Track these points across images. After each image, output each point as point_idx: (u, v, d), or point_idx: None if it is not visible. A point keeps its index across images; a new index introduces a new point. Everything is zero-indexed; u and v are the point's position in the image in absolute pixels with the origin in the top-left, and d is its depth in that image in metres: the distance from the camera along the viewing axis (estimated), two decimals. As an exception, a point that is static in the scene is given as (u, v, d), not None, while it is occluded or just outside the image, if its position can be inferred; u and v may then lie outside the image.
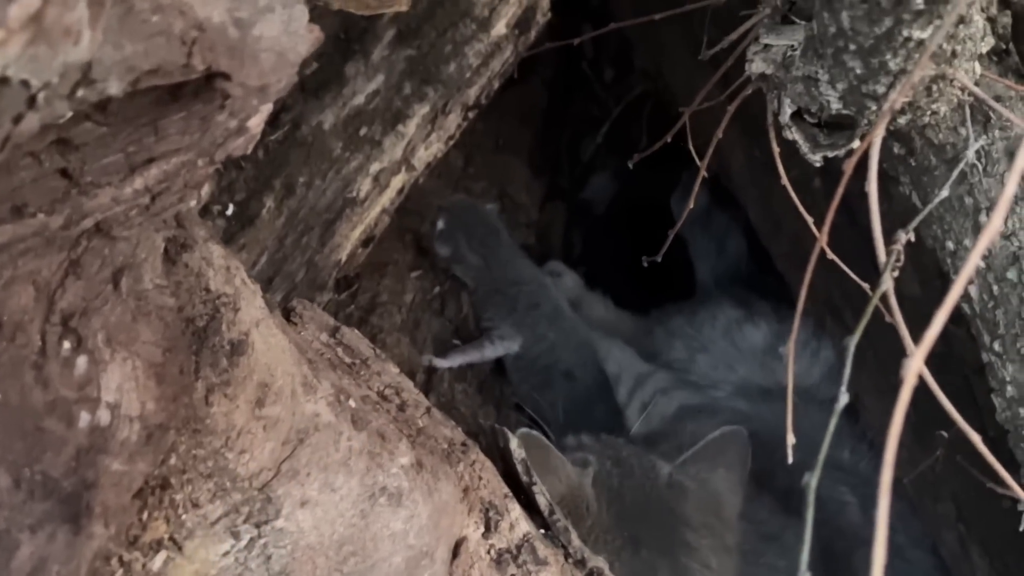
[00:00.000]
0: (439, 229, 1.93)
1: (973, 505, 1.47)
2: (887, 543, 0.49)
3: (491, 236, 1.94)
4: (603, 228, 2.49)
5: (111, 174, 0.67)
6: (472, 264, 1.92)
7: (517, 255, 1.98)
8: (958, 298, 0.48)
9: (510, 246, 1.98)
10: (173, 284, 0.83)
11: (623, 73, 2.68)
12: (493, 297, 1.91)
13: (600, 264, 2.30)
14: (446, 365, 1.78)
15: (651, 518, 1.50)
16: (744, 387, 1.97)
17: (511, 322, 1.88)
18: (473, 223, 1.94)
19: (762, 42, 1.12)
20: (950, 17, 0.85)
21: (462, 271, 1.95)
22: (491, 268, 1.92)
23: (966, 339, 1.32)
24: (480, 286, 1.93)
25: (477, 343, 1.87)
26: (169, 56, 0.60)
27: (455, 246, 1.92)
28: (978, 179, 1.19)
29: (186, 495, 0.80)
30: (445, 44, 1.56)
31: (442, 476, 1.02)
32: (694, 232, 2.32)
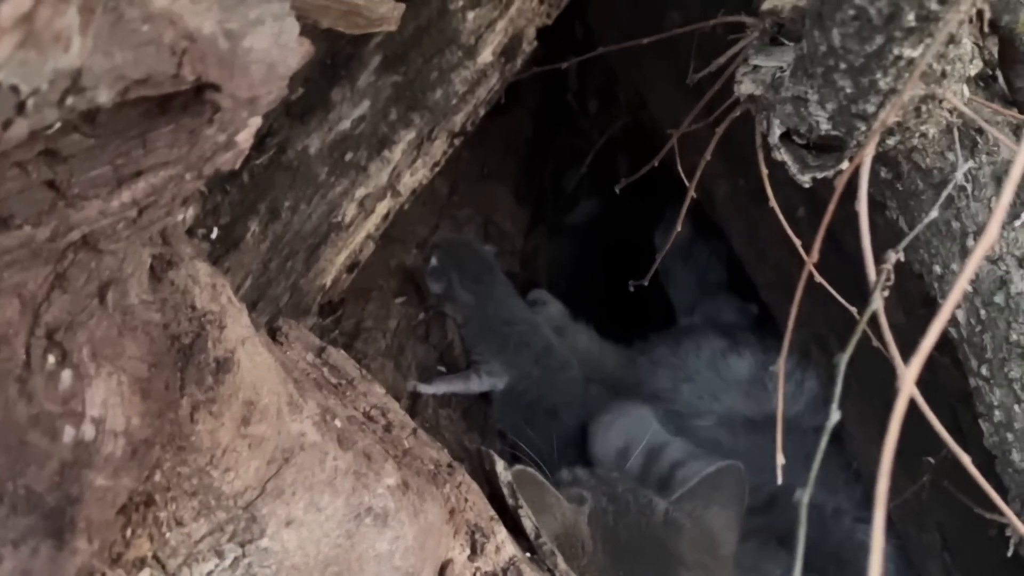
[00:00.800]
0: (432, 266, 1.93)
1: (958, 534, 1.47)
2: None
3: (485, 274, 1.94)
4: (586, 258, 2.49)
5: (99, 186, 0.67)
6: (464, 302, 1.92)
7: (510, 294, 1.98)
8: (954, 306, 0.48)
9: (504, 285, 1.98)
10: (159, 301, 0.82)
11: (607, 105, 2.69)
12: (484, 334, 1.91)
13: (582, 292, 2.29)
14: (431, 392, 1.77)
15: (646, 557, 1.49)
16: (728, 418, 1.97)
17: (501, 360, 1.88)
18: (467, 261, 1.94)
19: (751, 63, 1.12)
20: (941, 35, 0.85)
21: (453, 309, 1.94)
22: (483, 306, 1.92)
23: (951, 367, 1.32)
24: (471, 323, 1.93)
25: (464, 374, 1.87)
26: (159, 66, 0.59)
27: (447, 283, 1.92)
28: (965, 203, 1.19)
29: (170, 513, 0.80)
30: (431, 71, 1.56)
31: (428, 497, 1.01)
32: (675, 263, 2.32)
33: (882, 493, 0.47)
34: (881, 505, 0.49)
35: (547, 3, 1.64)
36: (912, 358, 0.51)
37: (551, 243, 2.50)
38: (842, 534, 1.71)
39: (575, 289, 2.32)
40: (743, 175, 1.83)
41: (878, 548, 0.50)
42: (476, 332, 1.92)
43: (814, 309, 1.67)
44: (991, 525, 1.28)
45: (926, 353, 0.51)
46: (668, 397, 2.04)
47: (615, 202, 1.93)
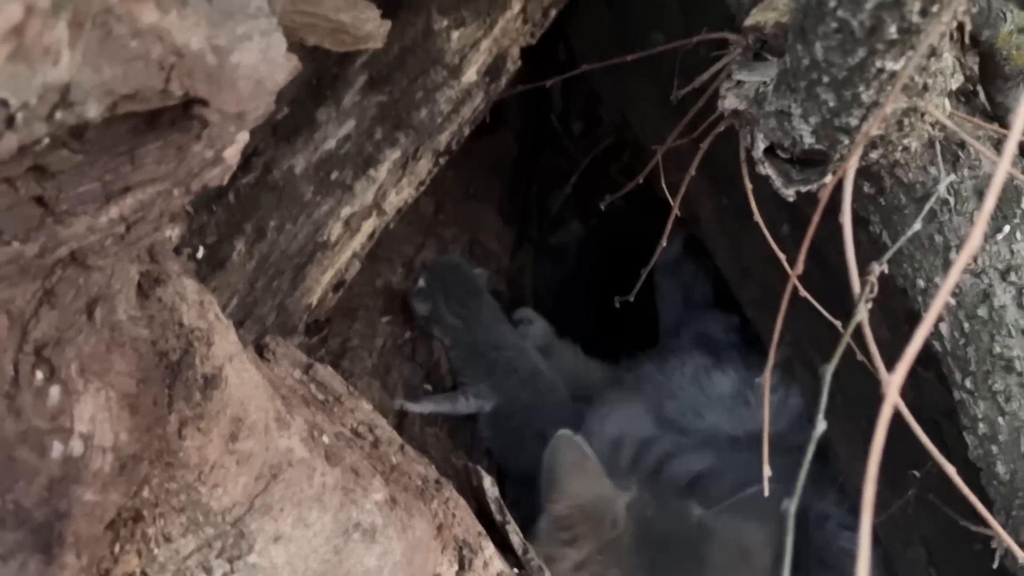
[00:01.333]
0: (419, 287, 1.94)
1: (944, 548, 1.47)
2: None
3: (472, 298, 1.95)
4: (572, 276, 2.50)
5: (87, 203, 0.67)
6: (450, 325, 1.92)
7: (498, 319, 1.99)
8: (937, 315, 0.49)
9: (491, 309, 1.98)
10: (147, 317, 0.82)
11: (591, 126, 2.70)
12: (471, 358, 1.91)
13: (569, 311, 2.30)
14: (418, 410, 1.77)
15: (674, 550, 1.52)
16: (712, 435, 1.97)
17: (488, 383, 1.88)
18: (455, 284, 1.95)
19: (734, 78, 1.13)
20: (922, 47, 0.86)
21: (440, 331, 1.95)
22: (471, 330, 1.92)
23: (935, 381, 1.32)
24: (458, 346, 1.93)
25: (452, 395, 1.87)
26: (147, 81, 0.60)
27: (434, 306, 1.92)
28: (948, 217, 1.20)
29: (158, 529, 0.80)
30: (416, 90, 1.57)
31: (416, 513, 1.01)
32: (663, 280, 2.33)
33: (868, 501, 0.48)
34: (867, 515, 0.49)
35: (531, 23, 1.65)
36: (896, 366, 0.52)
37: (537, 262, 2.50)
38: (825, 539, 1.72)
39: (562, 308, 2.32)
40: (727, 193, 1.84)
41: (864, 558, 0.51)
42: (463, 355, 1.93)
43: (799, 327, 1.68)
44: (976, 539, 1.28)
45: (911, 360, 0.51)
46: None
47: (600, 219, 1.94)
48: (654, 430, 1.92)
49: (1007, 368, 1.20)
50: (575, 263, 2.54)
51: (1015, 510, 1.19)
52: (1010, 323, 1.20)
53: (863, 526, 0.51)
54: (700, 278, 2.35)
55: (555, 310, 2.23)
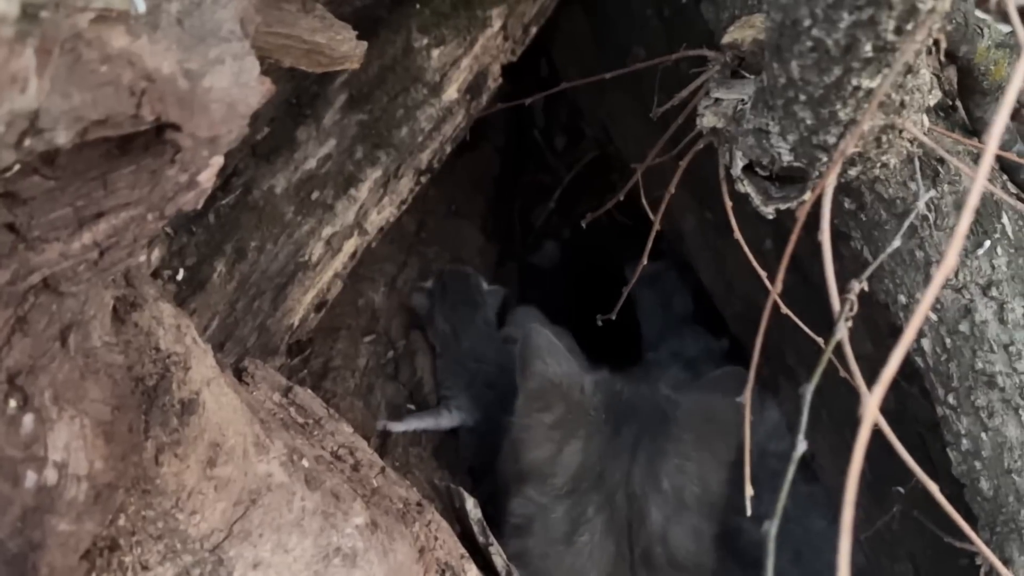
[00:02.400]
0: (423, 285, 1.98)
1: (930, 564, 1.46)
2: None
3: (466, 308, 1.96)
4: (553, 291, 2.49)
5: (59, 229, 0.67)
6: (440, 329, 1.93)
7: (488, 334, 1.98)
8: (917, 330, 0.48)
9: (485, 324, 1.98)
10: (122, 343, 0.82)
11: (574, 141, 2.70)
12: (455, 367, 1.91)
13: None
14: (401, 429, 1.77)
15: (640, 411, 1.61)
16: None
17: (469, 395, 1.88)
18: (456, 292, 1.97)
19: (713, 96, 1.13)
20: (898, 65, 0.86)
21: (431, 334, 1.97)
22: (458, 339, 1.92)
23: (919, 396, 1.32)
24: (445, 352, 1.94)
25: (434, 411, 1.87)
26: (118, 106, 0.59)
27: (430, 306, 1.93)
28: (928, 232, 1.20)
29: (135, 557, 0.79)
30: (397, 109, 1.56)
31: (397, 536, 1.01)
32: (642, 292, 2.32)
33: (847, 521, 0.47)
34: (847, 535, 0.49)
35: (511, 40, 1.65)
36: (876, 384, 0.51)
37: (521, 278, 2.50)
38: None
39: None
40: (710, 208, 1.84)
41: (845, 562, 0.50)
42: (447, 364, 1.93)
43: (783, 341, 1.68)
44: (963, 554, 1.28)
45: (889, 378, 0.51)
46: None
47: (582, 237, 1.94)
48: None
49: (989, 384, 1.20)
50: (555, 280, 2.54)
51: (999, 526, 1.19)
52: (992, 338, 1.20)
53: (843, 545, 0.50)
54: (681, 292, 2.35)
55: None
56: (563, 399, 1.56)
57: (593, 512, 1.52)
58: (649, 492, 1.54)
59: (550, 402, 1.56)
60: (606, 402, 1.60)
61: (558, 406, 1.56)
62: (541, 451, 1.54)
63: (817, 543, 1.70)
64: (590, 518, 1.52)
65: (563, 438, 1.55)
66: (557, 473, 1.54)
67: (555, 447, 1.54)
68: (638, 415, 1.60)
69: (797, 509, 1.74)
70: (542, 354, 1.56)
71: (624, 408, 1.61)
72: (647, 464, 1.55)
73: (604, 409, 1.59)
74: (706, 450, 1.58)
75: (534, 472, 1.55)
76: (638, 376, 2.02)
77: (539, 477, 1.54)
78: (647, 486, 1.54)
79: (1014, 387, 1.18)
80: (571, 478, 1.54)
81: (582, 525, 1.52)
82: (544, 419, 1.55)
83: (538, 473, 1.54)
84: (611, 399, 1.61)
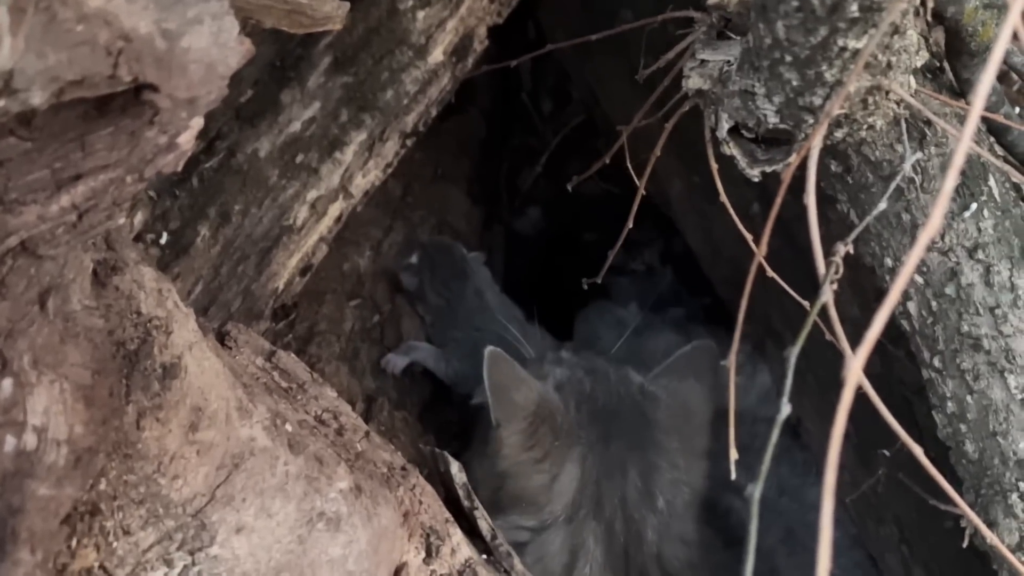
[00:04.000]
0: (408, 262, 1.96)
1: (916, 526, 1.47)
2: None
3: (457, 280, 1.95)
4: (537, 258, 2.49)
5: (37, 191, 0.66)
6: (433, 304, 1.93)
7: (480, 304, 1.98)
8: (901, 293, 0.48)
9: (476, 294, 1.98)
10: (103, 307, 0.81)
11: (561, 104, 2.69)
12: (451, 339, 1.91)
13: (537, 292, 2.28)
14: (401, 362, 1.79)
15: (622, 418, 1.57)
16: None
17: (468, 365, 1.87)
18: (443, 265, 1.96)
19: (698, 58, 1.12)
20: (884, 25, 0.85)
21: (423, 308, 1.97)
22: (453, 311, 1.92)
23: (905, 360, 1.32)
24: (438, 324, 1.93)
25: (438, 353, 1.87)
26: (94, 66, 0.58)
27: (420, 283, 1.93)
28: (915, 195, 1.20)
29: (117, 522, 0.78)
30: (382, 71, 1.55)
31: (381, 501, 1.00)
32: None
33: (830, 483, 0.47)
34: (829, 497, 0.49)
35: (498, 2, 1.63)
36: (859, 345, 0.51)
37: (507, 243, 2.49)
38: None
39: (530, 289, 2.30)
40: (697, 172, 1.83)
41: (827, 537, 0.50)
42: (442, 335, 1.92)
43: (769, 305, 1.68)
44: (948, 517, 1.29)
45: (874, 339, 0.50)
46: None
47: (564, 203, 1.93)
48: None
49: (975, 346, 1.20)
50: (535, 250, 2.53)
51: (984, 489, 1.19)
52: (978, 301, 1.20)
53: (826, 508, 0.50)
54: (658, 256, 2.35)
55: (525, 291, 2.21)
56: (545, 426, 1.50)
57: (593, 543, 1.49)
58: (646, 514, 1.52)
59: (533, 434, 1.50)
60: (586, 410, 1.56)
61: (542, 437, 1.50)
62: (532, 482, 1.50)
63: (812, 518, 1.70)
64: (590, 549, 1.48)
65: (553, 467, 1.50)
66: (552, 500, 1.49)
67: (547, 477, 1.50)
68: (620, 422, 1.56)
69: (794, 478, 1.74)
70: (507, 388, 1.49)
71: (604, 414, 1.56)
72: (641, 483, 1.53)
73: (585, 416, 1.55)
74: (690, 451, 1.58)
75: (525, 500, 1.50)
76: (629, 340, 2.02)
77: (532, 505, 1.49)
78: (644, 508, 1.52)
79: (1000, 350, 1.18)
80: (567, 505, 1.49)
81: (581, 558, 1.48)
82: (533, 455, 1.50)
83: (531, 501, 1.49)
84: (587, 404, 1.57)
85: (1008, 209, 1.23)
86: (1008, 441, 1.18)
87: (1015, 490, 1.17)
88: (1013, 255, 1.20)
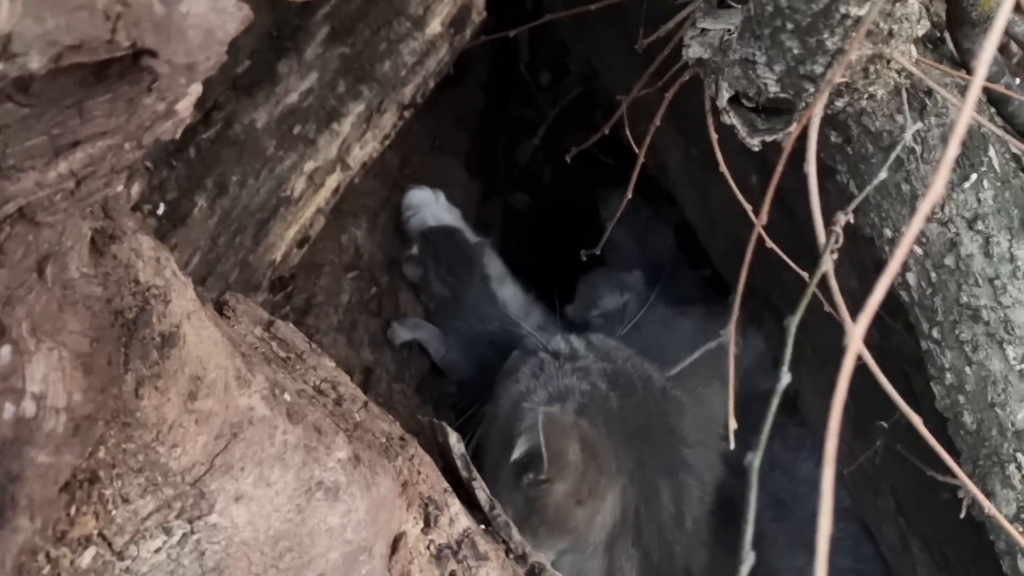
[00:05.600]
0: (410, 253, 1.95)
1: (913, 498, 1.47)
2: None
3: (462, 268, 1.94)
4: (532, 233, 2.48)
5: (34, 158, 0.65)
6: (438, 293, 1.92)
7: (486, 292, 1.97)
8: (901, 262, 0.48)
9: (482, 282, 1.97)
10: (101, 276, 0.81)
11: (559, 76, 2.68)
12: (454, 326, 1.90)
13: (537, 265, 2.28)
14: (405, 335, 1.79)
15: (653, 439, 1.55)
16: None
17: (472, 354, 1.87)
18: (447, 252, 1.94)
19: (699, 27, 1.12)
20: (886, -8, 0.85)
21: (426, 297, 1.96)
22: (457, 300, 1.91)
23: (903, 331, 1.32)
24: (441, 313, 1.93)
25: (442, 337, 1.87)
26: (92, 31, 0.58)
27: (424, 272, 1.92)
28: (915, 166, 1.20)
29: (116, 490, 0.78)
30: (379, 42, 1.55)
31: (380, 470, 1.00)
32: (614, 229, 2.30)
33: (830, 453, 0.47)
34: (830, 467, 0.49)
35: (496, -27, 1.63)
36: (859, 315, 0.51)
37: (505, 216, 2.49)
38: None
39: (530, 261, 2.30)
40: (695, 144, 1.82)
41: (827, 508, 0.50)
42: (446, 323, 1.92)
43: (768, 278, 1.67)
44: (945, 488, 1.29)
45: (874, 308, 0.50)
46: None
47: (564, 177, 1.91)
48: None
49: (974, 318, 1.20)
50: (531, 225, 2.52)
51: (981, 459, 1.19)
52: (977, 272, 1.20)
53: (826, 479, 0.50)
54: (654, 224, 2.33)
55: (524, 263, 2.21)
56: (593, 468, 1.44)
57: (630, 567, 1.48)
58: (678, 535, 1.51)
59: (583, 482, 1.44)
60: (618, 434, 1.50)
61: (591, 481, 1.45)
62: (575, 520, 1.45)
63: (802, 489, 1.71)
64: (627, 572, 1.48)
65: (597, 503, 1.46)
66: (593, 531, 1.46)
67: (590, 512, 1.46)
68: (651, 444, 1.53)
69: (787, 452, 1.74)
70: (566, 446, 1.42)
71: (636, 438, 1.52)
72: (673, 506, 1.52)
73: (619, 441, 1.50)
74: (713, 461, 1.58)
75: (564, 532, 1.46)
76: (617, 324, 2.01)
77: (570, 534, 1.46)
78: (675, 529, 1.51)
79: (998, 321, 1.18)
80: (608, 534, 1.47)
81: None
82: (580, 498, 1.45)
83: (570, 532, 1.46)
84: (616, 425, 1.52)
85: (1008, 180, 1.22)
86: (1006, 412, 1.18)
87: (1012, 461, 1.18)
88: (1013, 226, 1.20)
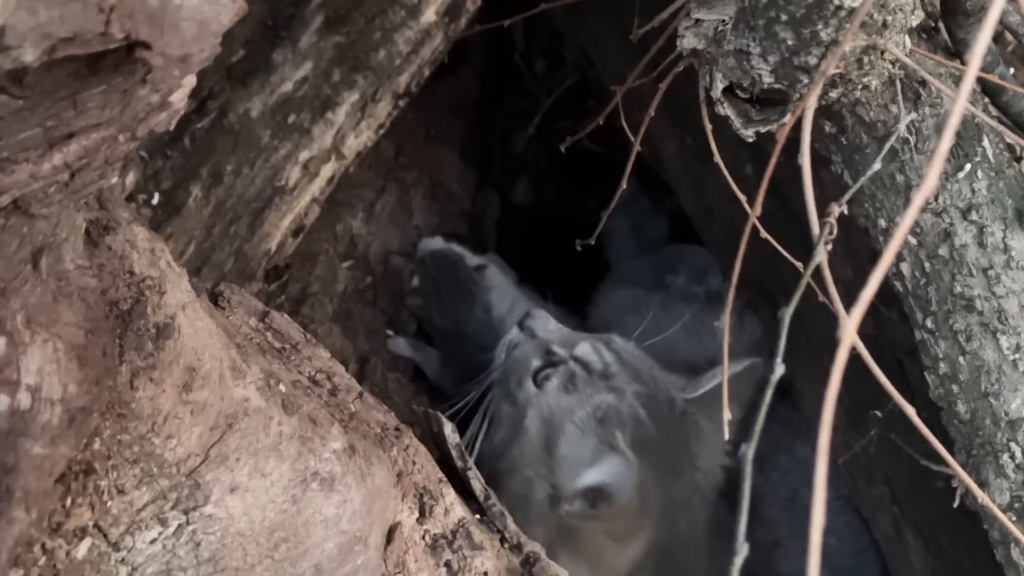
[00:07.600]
0: (413, 286, 1.93)
1: (907, 487, 1.48)
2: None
3: (464, 303, 1.93)
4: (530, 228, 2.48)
5: (29, 149, 0.65)
6: (440, 327, 1.92)
7: (488, 322, 1.95)
8: (896, 253, 0.48)
9: (484, 312, 1.95)
10: (96, 266, 0.81)
11: (554, 65, 2.68)
12: (455, 357, 1.89)
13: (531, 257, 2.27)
14: (399, 350, 1.78)
15: (678, 469, 1.57)
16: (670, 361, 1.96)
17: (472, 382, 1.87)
18: (449, 287, 1.92)
19: (693, 17, 1.11)
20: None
21: (429, 328, 1.95)
22: (461, 332, 1.90)
23: (897, 321, 1.33)
24: (445, 345, 1.92)
25: (435, 360, 1.86)
26: (86, 23, 0.58)
27: (427, 306, 1.92)
28: (909, 156, 1.20)
29: (111, 481, 0.79)
30: (374, 31, 1.54)
31: (375, 461, 1.01)
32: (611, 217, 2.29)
33: (824, 444, 0.47)
34: (823, 458, 0.49)
35: (490, -38, 1.63)
36: (854, 307, 0.51)
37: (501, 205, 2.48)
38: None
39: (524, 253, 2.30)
40: (690, 134, 1.82)
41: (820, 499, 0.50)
42: (448, 355, 1.91)
43: (763, 267, 1.67)
44: (939, 477, 1.29)
45: (868, 299, 0.50)
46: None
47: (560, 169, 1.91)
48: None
49: (968, 307, 1.20)
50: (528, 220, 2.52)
51: (975, 449, 1.20)
52: (971, 262, 1.20)
53: (819, 469, 0.50)
54: (651, 211, 2.33)
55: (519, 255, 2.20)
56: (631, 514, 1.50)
57: None
58: (696, 559, 1.55)
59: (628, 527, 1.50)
60: (640, 438, 1.53)
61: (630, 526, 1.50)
62: (607, 557, 1.49)
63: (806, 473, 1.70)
64: None
65: (632, 540, 1.50)
66: (623, 564, 1.50)
67: (621, 548, 1.50)
68: (674, 475, 1.56)
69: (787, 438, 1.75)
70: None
71: (662, 466, 1.54)
72: (688, 532, 1.55)
73: (647, 471, 1.52)
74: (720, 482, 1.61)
75: (594, 565, 1.49)
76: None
77: (599, 564, 1.49)
78: (692, 555, 1.55)
79: (992, 311, 1.19)
80: (635, 565, 1.50)
81: None
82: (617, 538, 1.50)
83: (599, 562, 1.49)
84: (640, 430, 1.54)
85: (1002, 170, 1.23)
86: (1000, 402, 1.19)
87: (1006, 450, 1.18)
88: (1007, 216, 1.20)
